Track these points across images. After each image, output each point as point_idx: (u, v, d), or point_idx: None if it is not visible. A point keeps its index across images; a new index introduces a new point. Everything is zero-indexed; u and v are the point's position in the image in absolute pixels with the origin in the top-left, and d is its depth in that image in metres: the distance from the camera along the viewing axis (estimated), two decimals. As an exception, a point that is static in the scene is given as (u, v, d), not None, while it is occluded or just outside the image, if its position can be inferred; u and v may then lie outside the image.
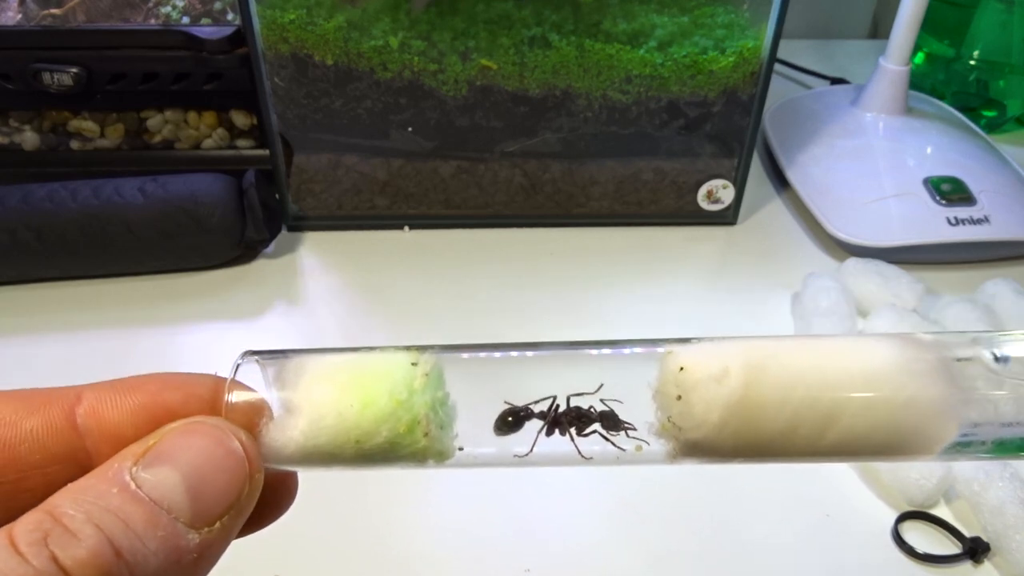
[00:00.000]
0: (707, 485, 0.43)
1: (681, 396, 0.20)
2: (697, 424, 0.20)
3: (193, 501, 0.17)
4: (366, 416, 0.20)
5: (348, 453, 0.20)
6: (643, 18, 0.54)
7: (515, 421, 0.21)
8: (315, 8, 0.52)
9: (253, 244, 0.56)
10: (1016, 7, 0.73)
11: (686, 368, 0.20)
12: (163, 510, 0.16)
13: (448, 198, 0.60)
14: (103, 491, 0.16)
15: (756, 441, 0.20)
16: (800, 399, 0.19)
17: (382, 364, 0.21)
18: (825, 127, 0.67)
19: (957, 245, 0.57)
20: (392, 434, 0.20)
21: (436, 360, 0.21)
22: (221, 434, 0.18)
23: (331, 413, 0.20)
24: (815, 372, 0.20)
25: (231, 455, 0.18)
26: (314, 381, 0.20)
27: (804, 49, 0.88)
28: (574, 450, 0.21)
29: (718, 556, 0.40)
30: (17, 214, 0.51)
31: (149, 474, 0.17)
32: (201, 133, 0.59)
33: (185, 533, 0.17)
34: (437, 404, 0.20)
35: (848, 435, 0.19)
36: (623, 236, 0.62)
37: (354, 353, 0.21)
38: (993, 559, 0.39)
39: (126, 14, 0.59)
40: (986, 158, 0.63)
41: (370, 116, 0.56)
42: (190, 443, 0.18)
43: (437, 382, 0.21)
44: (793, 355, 0.20)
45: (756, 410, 0.19)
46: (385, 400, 0.20)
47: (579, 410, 0.21)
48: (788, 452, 0.20)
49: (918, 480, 0.41)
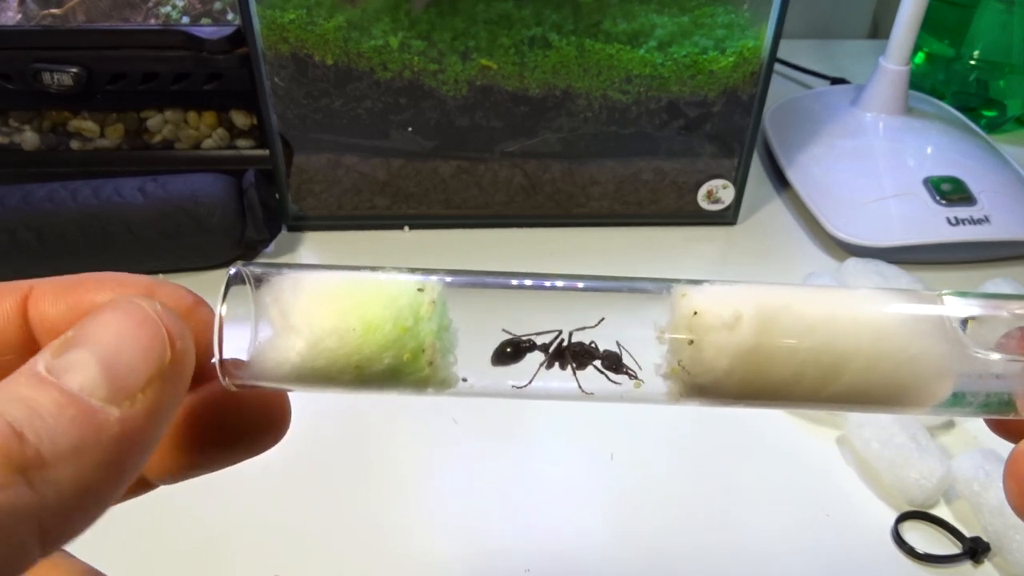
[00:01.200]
0: (707, 485, 0.43)
1: (693, 341, 0.20)
2: (706, 370, 0.20)
3: (107, 376, 0.16)
4: (369, 341, 0.19)
5: (346, 378, 0.19)
6: (643, 18, 0.54)
7: (515, 352, 0.21)
8: (315, 8, 0.52)
9: (253, 244, 0.56)
10: (1016, 7, 0.73)
11: (700, 313, 0.20)
12: (74, 390, 0.16)
13: (448, 198, 0.60)
14: (13, 384, 0.16)
15: (761, 388, 0.20)
16: (807, 352, 0.20)
17: (386, 287, 0.20)
18: (825, 127, 0.67)
19: (957, 245, 0.57)
20: (396, 361, 0.19)
21: (442, 287, 0.20)
22: (133, 307, 0.18)
23: (332, 336, 0.19)
24: (825, 326, 0.20)
25: (145, 323, 0.17)
26: (314, 300, 0.19)
27: (804, 49, 0.88)
28: (574, 385, 0.21)
29: (718, 556, 0.40)
30: (17, 214, 0.51)
31: (61, 360, 0.16)
32: (201, 133, 0.59)
33: (102, 409, 0.16)
34: (442, 332, 0.20)
35: (849, 388, 0.20)
36: (623, 236, 0.62)
37: (354, 272, 0.20)
38: (993, 559, 0.39)
39: (126, 14, 0.59)
40: (986, 158, 0.63)
41: (370, 116, 0.56)
42: (102, 319, 0.17)
43: (442, 309, 0.20)
44: (804, 307, 0.20)
45: (764, 360, 0.20)
46: (390, 326, 0.19)
47: (582, 345, 0.21)
48: (789, 399, 0.20)
49: (918, 480, 0.41)
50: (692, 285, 0.21)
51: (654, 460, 0.44)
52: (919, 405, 0.20)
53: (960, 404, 0.20)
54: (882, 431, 0.42)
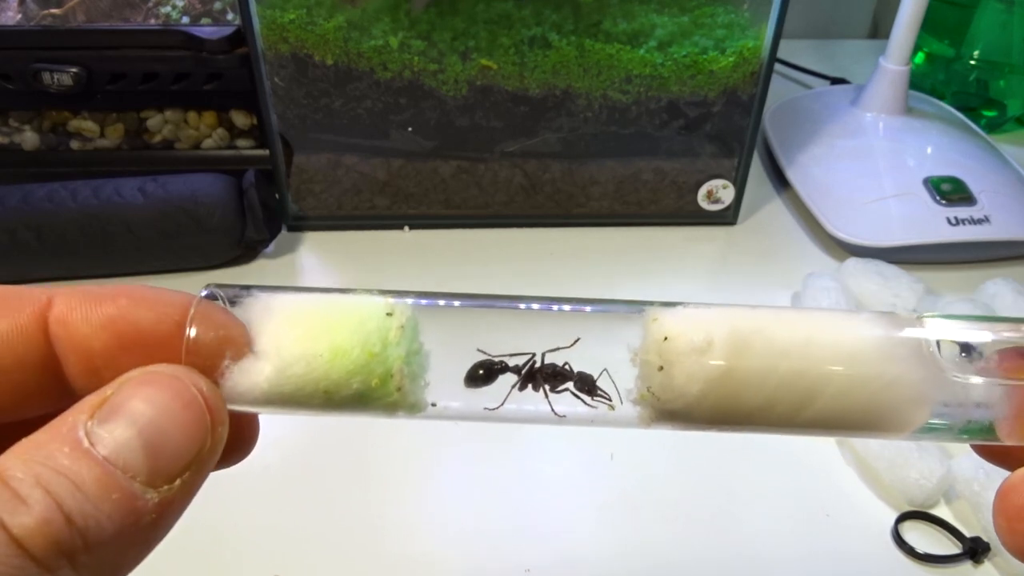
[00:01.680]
0: (707, 485, 0.43)
1: (663, 367, 0.20)
2: (676, 396, 0.20)
3: (150, 458, 0.16)
4: (336, 367, 0.19)
5: (315, 402, 0.19)
6: (643, 18, 0.54)
7: (487, 374, 0.21)
8: (315, 8, 0.52)
9: (253, 244, 0.56)
10: (1016, 7, 0.73)
11: (670, 338, 0.20)
12: (118, 469, 0.16)
13: (448, 198, 0.60)
14: (54, 450, 0.15)
15: (733, 414, 0.20)
16: (781, 378, 0.19)
17: (355, 311, 0.20)
18: (825, 127, 0.67)
19: (957, 245, 0.57)
20: (363, 387, 0.19)
21: (412, 311, 0.20)
22: (180, 385, 0.17)
23: (299, 362, 0.19)
24: (798, 351, 0.19)
25: (190, 407, 0.17)
26: (282, 325, 0.19)
27: (804, 49, 0.88)
28: (547, 408, 0.21)
29: (718, 556, 0.40)
30: (17, 214, 0.51)
31: (104, 430, 0.16)
32: (201, 133, 0.59)
33: (142, 493, 0.16)
34: (411, 357, 0.20)
35: (823, 415, 0.19)
36: (623, 236, 0.62)
37: (324, 295, 0.20)
38: (993, 559, 0.39)
39: (126, 14, 0.59)
40: (986, 158, 0.63)
41: (370, 116, 0.56)
42: (148, 395, 0.17)
43: (412, 334, 0.20)
44: (778, 331, 0.20)
45: (737, 385, 0.19)
46: (358, 352, 0.19)
47: (555, 367, 0.21)
48: (763, 425, 0.20)
49: (918, 480, 0.41)
50: (665, 308, 0.20)
51: (654, 460, 0.44)
52: (896, 431, 0.20)
53: (939, 430, 0.20)
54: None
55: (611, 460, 0.44)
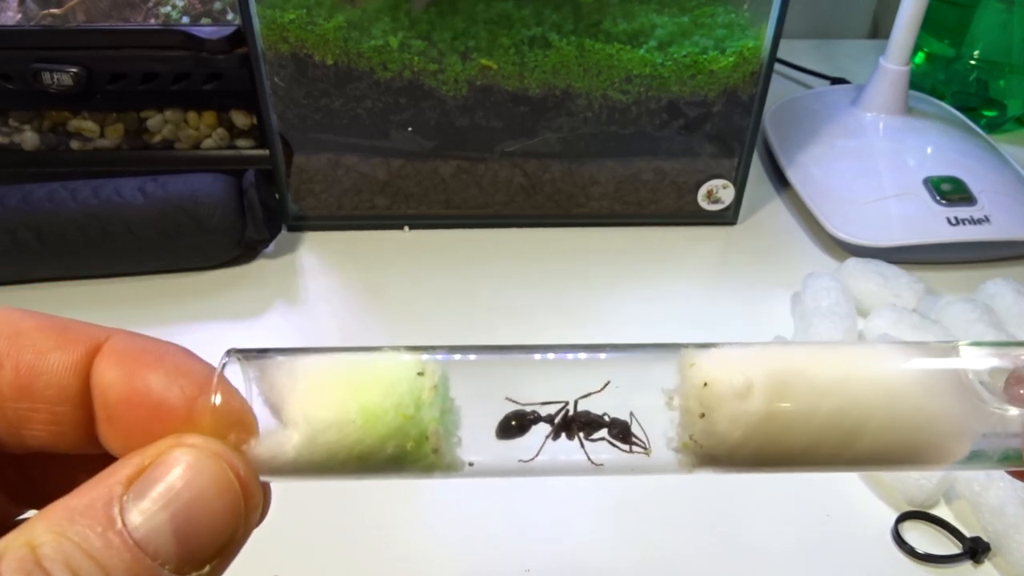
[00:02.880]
0: (708, 486, 0.43)
1: (704, 414, 0.19)
2: (719, 442, 0.19)
3: (181, 545, 0.16)
4: (370, 432, 0.19)
5: (348, 468, 0.19)
6: (643, 18, 0.54)
7: (520, 425, 0.20)
8: (315, 8, 0.52)
9: (253, 244, 0.56)
10: (1016, 7, 0.73)
11: (710, 384, 0.19)
12: (147, 556, 0.15)
13: (448, 198, 0.60)
14: (86, 527, 0.15)
15: (775, 456, 0.20)
16: (823, 419, 0.19)
17: (385, 372, 0.19)
18: (825, 127, 0.67)
19: (957, 245, 0.57)
20: (399, 450, 0.19)
21: (443, 369, 0.20)
22: (217, 467, 0.17)
23: (331, 428, 0.18)
24: (839, 391, 0.19)
25: (226, 493, 0.17)
26: (309, 391, 0.19)
27: (804, 49, 0.88)
28: (582, 457, 0.20)
29: (718, 556, 0.40)
30: (17, 214, 0.51)
31: (138, 509, 0.16)
32: (201, 133, 0.59)
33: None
34: (444, 416, 0.19)
35: (866, 453, 0.20)
36: (623, 236, 0.62)
37: (350, 355, 0.20)
38: (993, 559, 0.39)
39: (126, 14, 0.59)
40: (986, 158, 0.63)
41: (370, 116, 0.56)
42: (185, 476, 0.16)
43: (444, 391, 0.20)
44: (817, 371, 0.20)
45: (779, 428, 0.19)
46: (391, 415, 0.19)
47: (589, 414, 0.20)
48: (805, 465, 0.20)
49: (918, 480, 0.41)
50: (700, 351, 0.20)
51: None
52: (937, 463, 0.20)
53: (979, 460, 0.20)
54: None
55: (611, 460, 0.44)
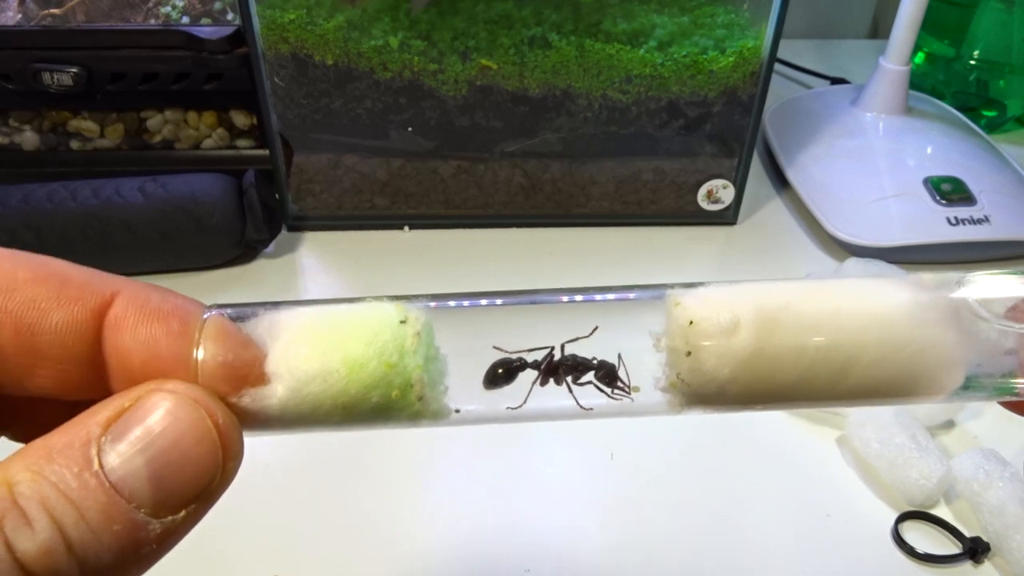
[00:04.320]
0: (707, 485, 0.43)
1: (691, 352, 0.19)
2: (707, 380, 0.19)
3: (156, 489, 0.16)
4: (354, 381, 0.18)
5: (334, 419, 0.19)
6: (643, 18, 0.54)
7: (507, 373, 0.20)
8: (315, 8, 0.52)
9: (253, 244, 0.56)
10: (1016, 7, 0.73)
11: (696, 322, 0.19)
12: (122, 499, 0.15)
13: (448, 198, 0.60)
14: (64, 467, 0.15)
15: (765, 393, 0.19)
16: (813, 354, 0.19)
17: (367, 321, 0.19)
18: (825, 127, 0.67)
19: (957, 245, 0.57)
20: (384, 399, 0.19)
21: (426, 316, 0.20)
22: (197, 414, 0.17)
23: (315, 380, 0.18)
24: (829, 325, 0.19)
25: (203, 440, 0.16)
26: (292, 343, 0.19)
27: (804, 49, 0.88)
28: (571, 402, 0.20)
29: (719, 556, 0.40)
30: (17, 214, 0.51)
31: (115, 452, 0.16)
32: (201, 133, 0.59)
33: (145, 524, 0.16)
34: (429, 363, 0.19)
35: (858, 386, 0.19)
36: (623, 236, 0.62)
37: (332, 307, 0.19)
38: (993, 559, 0.39)
39: (126, 14, 0.59)
40: (986, 158, 0.63)
41: (370, 116, 0.56)
42: (163, 420, 0.16)
43: (428, 339, 0.19)
44: (805, 306, 0.19)
45: (768, 365, 0.19)
46: (375, 364, 0.18)
47: (575, 358, 0.20)
48: (796, 401, 0.20)
49: (918, 480, 0.41)
50: (686, 290, 0.20)
51: (654, 460, 0.44)
52: (932, 394, 0.20)
53: (975, 389, 0.20)
54: (882, 431, 0.42)
55: (611, 460, 0.44)
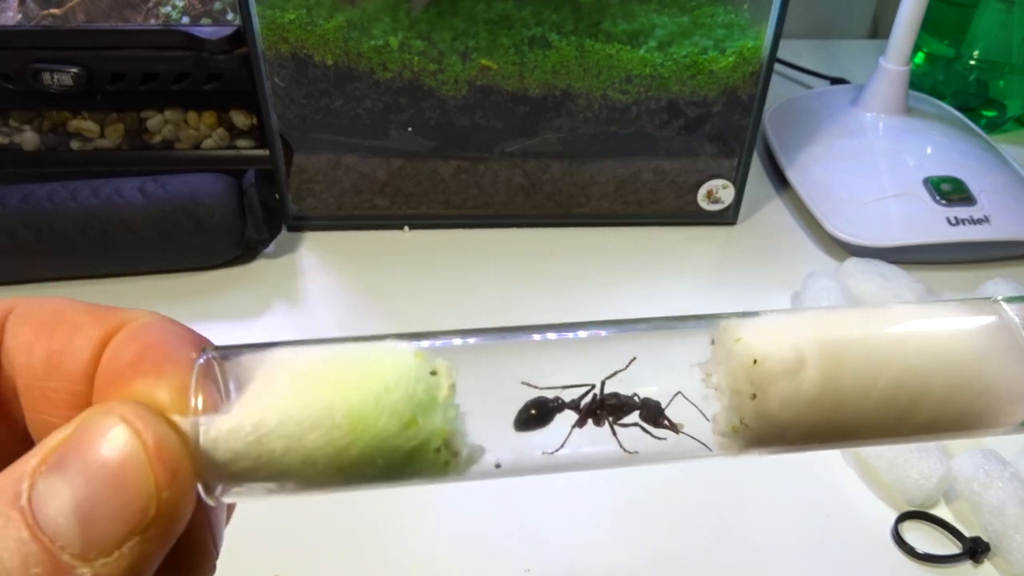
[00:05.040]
0: (708, 485, 0.43)
1: (756, 395, 0.17)
2: (771, 424, 0.18)
3: (82, 529, 0.14)
4: (358, 437, 0.16)
5: (331, 477, 0.16)
6: (643, 18, 0.54)
7: (541, 414, 0.18)
8: (315, 8, 0.52)
9: (253, 244, 0.56)
10: (1016, 7, 0.73)
11: (760, 360, 0.17)
12: (46, 537, 0.14)
13: (448, 198, 0.60)
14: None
15: (828, 433, 0.18)
16: (880, 393, 0.18)
17: (381, 369, 0.17)
18: (825, 127, 0.67)
19: (957, 245, 0.57)
20: (406, 457, 0.17)
21: (452, 363, 0.17)
22: (122, 438, 0.14)
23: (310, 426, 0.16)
24: (895, 363, 0.18)
25: (128, 464, 0.14)
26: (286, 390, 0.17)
27: (804, 49, 0.88)
28: (613, 447, 0.18)
29: (718, 556, 0.40)
30: (17, 214, 0.51)
31: (44, 484, 0.14)
32: (201, 133, 0.59)
33: (71, 568, 0.14)
34: (454, 416, 0.17)
35: (923, 425, 0.18)
36: (623, 236, 0.62)
37: (343, 346, 0.18)
38: (993, 559, 0.39)
39: (126, 14, 0.59)
40: (986, 158, 0.63)
41: (370, 116, 0.56)
42: (90, 448, 0.14)
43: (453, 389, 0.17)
44: (870, 341, 0.18)
45: (834, 405, 0.18)
46: (385, 420, 0.17)
47: (618, 396, 0.18)
48: (858, 440, 0.19)
49: (918, 480, 0.41)
50: (742, 321, 0.18)
51: (654, 460, 0.44)
52: (998, 427, 0.19)
53: None
54: (882, 431, 0.42)
55: (611, 460, 0.44)
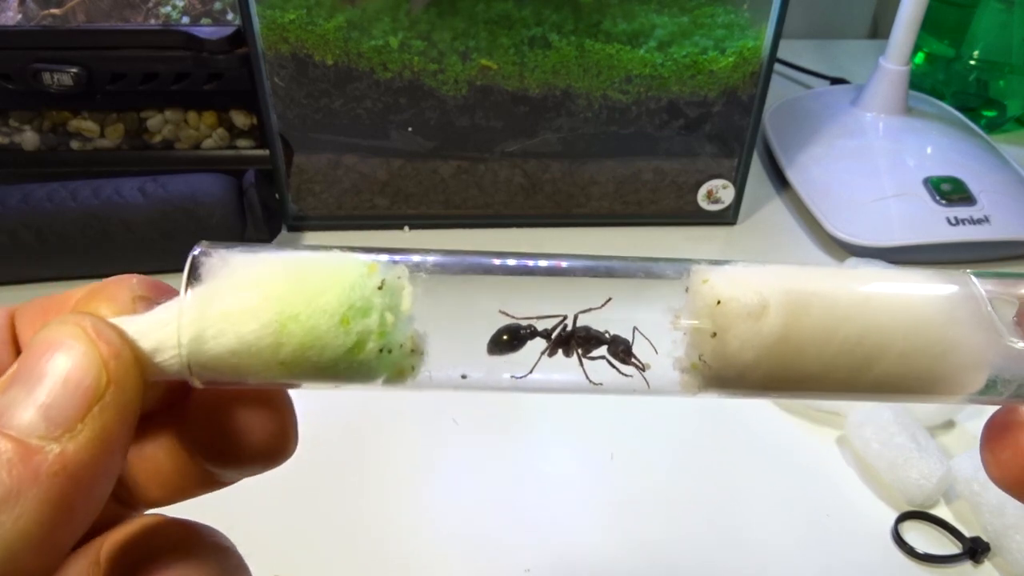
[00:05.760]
0: (708, 485, 0.43)
1: (716, 333, 0.18)
2: (729, 363, 0.18)
3: (42, 412, 0.15)
4: (292, 330, 0.17)
5: (275, 368, 0.17)
6: (643, 18, 0.54)
7: (513, 339, 0.19)
8: (315, 8, 0.52)
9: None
10: (1016, 7, 0.73)
11: (724, 302, 0.18)
12: (12, 431, 0.15)
13: (448, 198, 0.60)
14: None
15: (786, 380, 0.19)
16: (839, 344, 0.18)
17: (325, 271, 0.19)
18: (825, 127, 0.67)
19: (957, 245, 0.57)
20: (334, 350, 0.17)
21: (396, 271, 0.19)
22: (63, 329, 0.16)
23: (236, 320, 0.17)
24: (858, 316, 0.18)
25: (73, 347, 0.16)
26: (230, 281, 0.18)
27: (804, 49, 0.88)
28: (579, 376, 0.19)
29: (718, 556, 0.40)
30: (17, 214, 0.51)
31: (3, 399, 0.15)
32: (201, 133, 0.59)
33: (40, 447, 0.15)
34: (398, 320, 0.18)
35: (878, 381, 0.19)
36: (623, 236, 0.62)
37: (296, 254, 0.19)
38: (993, 559, 0.39)
39: (126, 14, 0.59)
40: (986, 158, 0.63)
41: (370, 116, 0.56)
42: (35, 351, 0.16)
43: (393, 295, 0.18)
44: (836, 294, 0.18)
45: (793, 352, 0.18)
46: (321, 317, 0.18)
47: (588, 330, 0.19)
48: (815, 391, 0.19)
49: (918, 480, 0.41)
50: (712, 267, 0.19)
51: (654, 460, 0.44)
52: (951, 394, 0.19)
53: (993, 392, 0.19)
54: (882, 431, 0.42)
55: (611, 460, 0.44)
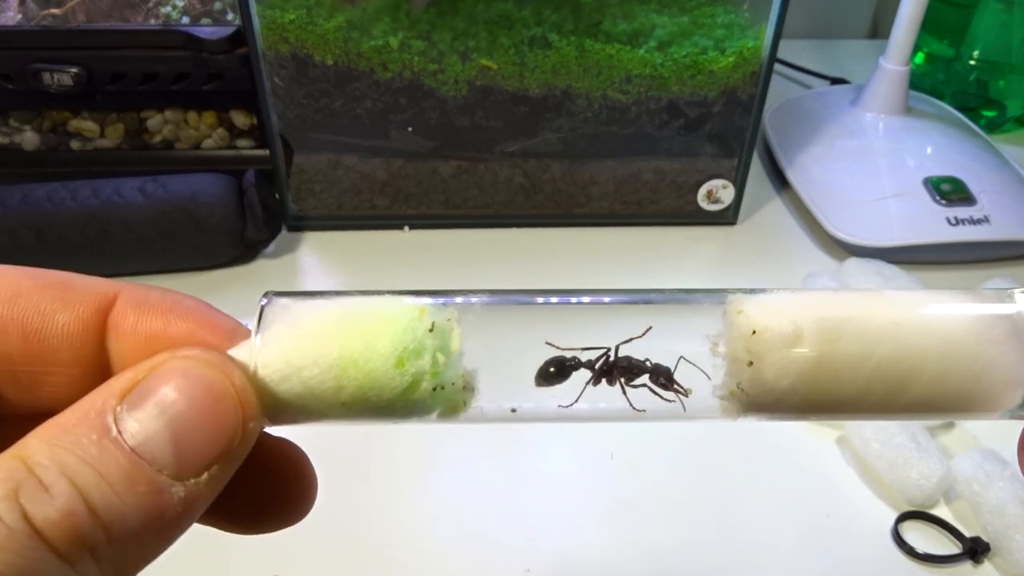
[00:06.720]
0: (708, 485, 0.43)
1: (753, 362, 0.19)
2: (766, 391, 0.19)
3: (178, 453, 0.15)
4: (352, 375, 0.18)
5: (338, 409, 0.19)
6: (643, 18, 0.54)
7: (560, 371, 0.20)
8: (315, 8, 0.52)
9: (253, 244, 0.56)
10: (1016, 7, 0.73)
11: (759, 331, 0.19)
12: (144, 462, 0.15)
13: (448, 198, 0.60)
14: (81, 436, 0.15)
15: (823, 404, 0.19)
16: (874, 367, 0.19)
17: (378, 316, 0.20)
18: (825, 127, 0.67)
19: (957, 245, 0.57)
20: (392, 392, 0.19)
21: (445, 312, 0.20)
22: (213, 373, 0.16)
23: (307, 368, 0.18)
24: (890, 341, 0.19)
25: (223, 399, 0.16)
26: (294, 334, 0.19)
27: (804, 49, 0.88)
28: (623, 404, 0.20)
29: (718, 556, 0.40)
30: (17, 214, 0.51)
31: (133, 418, 0.15)
32: (201, 133, 0.59)
33: (169, 486, 0.15)
34: (449, 358, 0.19)
35: (914, 402, 0.19)
36: (623, 236, 0.62)
37: (351, 299, 0.20)
38: (993, 559, 0.39)
39: (126, 14, 0.59)
40: (986, 158, 0.63)
41: (370, 116, 0.56)
42: (179, 383, 0.16)
43: (444, 335, 0.20)
44: (868, 318, 0.19)
45: (828, 378, 0.19)
46: (380, 361, 0.19)
47: (630, 360, 0.20)
48: (851, 414, 0.20)
49: (918, 480, 0.41)
50: (747, 296, 0.20)
51: (654, 460, 0.44)
52: (988, 412, 0.20)
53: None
54: (882, 431, 0.42)
55: (611, 460, 0.44)
